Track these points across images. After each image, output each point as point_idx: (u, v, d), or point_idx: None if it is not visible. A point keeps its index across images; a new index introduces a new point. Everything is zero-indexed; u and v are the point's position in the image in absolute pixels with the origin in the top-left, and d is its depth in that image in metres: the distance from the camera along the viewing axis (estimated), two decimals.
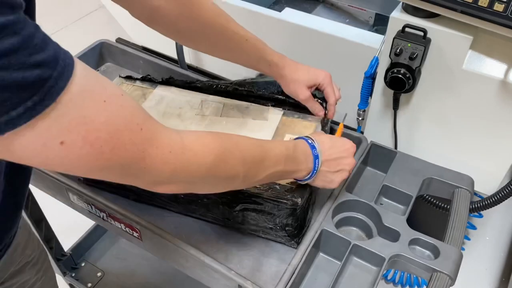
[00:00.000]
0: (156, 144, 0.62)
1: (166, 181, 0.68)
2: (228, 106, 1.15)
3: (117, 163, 0.59)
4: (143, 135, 0.60)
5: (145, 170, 0.63)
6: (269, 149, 0.84)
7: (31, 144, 0.51)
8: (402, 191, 1.07)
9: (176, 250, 1.00)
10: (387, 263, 0.94)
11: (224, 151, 0.74)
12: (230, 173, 0.76)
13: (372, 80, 1.25)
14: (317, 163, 0.91)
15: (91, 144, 0.55)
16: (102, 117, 0.55)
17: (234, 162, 0.76)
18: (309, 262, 1.00)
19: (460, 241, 0.95)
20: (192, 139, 0.69)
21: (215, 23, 1.03)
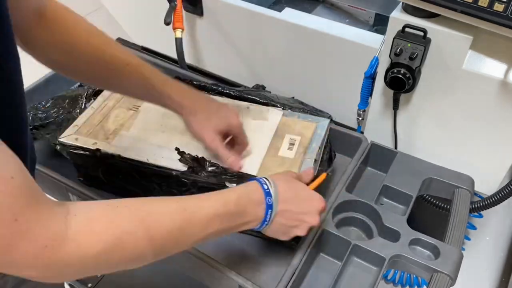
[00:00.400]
0: (30, 237, 0.55)
1: (40, 275, 0.59)
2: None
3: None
4: (15, 228, 0.53)
5: (12, 264, 0.56)
6: (195, 212, 0.73)
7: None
8: (402, 191, 1.07)
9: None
10: (388, 263, 0.94)
11: (121, 234, 0.63)
12: (131, 256, 0.66)
13: (372, 80, 1.25)
14: (269, 213, 0.82)
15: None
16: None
17: (136, 243, 0.65)
18: (309, 262, 1.00)
19: (460, 242, 0.95)
20: (80, 226, 0.59)
21: (88, 44, 0.89)
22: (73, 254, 0.59)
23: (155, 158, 1.03)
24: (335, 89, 1.43)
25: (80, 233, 0.59)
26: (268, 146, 1.06)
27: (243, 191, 0.81)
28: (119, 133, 1.09)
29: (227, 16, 1.50)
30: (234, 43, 1.55)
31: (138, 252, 0.66)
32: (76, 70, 0.93)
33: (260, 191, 0.82)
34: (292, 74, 1.50)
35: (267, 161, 1.03)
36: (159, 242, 0.68)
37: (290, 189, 0.86)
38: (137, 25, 1.91)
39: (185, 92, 0.97)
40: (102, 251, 0.61)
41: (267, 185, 0.83)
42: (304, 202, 0.86)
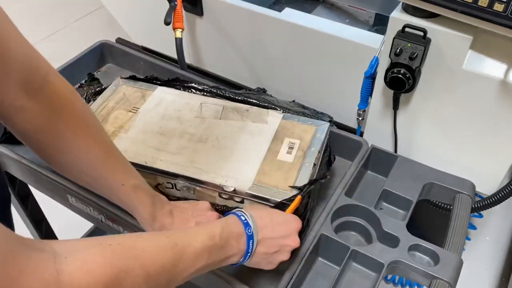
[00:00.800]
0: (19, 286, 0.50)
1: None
2: (228, 109, 1.15)
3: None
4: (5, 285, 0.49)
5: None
6: (185, 246, 0.72)
7: None
8: (403, 196, 1.07)
9: None
10: (386, 269, 0.94)
11: (118, 274, 0.61)
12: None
13: (372, 80, 1.25)
14: (251, 244, 0.82)
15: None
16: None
17: (133, 281, 0.63)
18: (307, 267, 0.99)
19: (460, 248, 0.95)
20: (74, 268, 0.56)
21: (85, 157, 0.87)
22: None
23: (154, 161, 1.03)
24: (335, 89, 1.43)
25: (76, 277, 0.56)
26: (267, 149, 1.05)
27: (224, 224, 0.81)
28: (118, 135, 1.09)
29: (227, 16, 1.50)
30: (234, 43, 1.55)
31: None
32: (60, 168, 0.91)
33: (239, 223, 0.83)
34: (292, 74, 1.50)
35: (265, 165, 1.02)
36: (154, 278, 0.67)
37: (265, 216, 0.87)
38: (137, 25, 1.91)
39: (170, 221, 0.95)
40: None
41: (244, 216, 0.84)
42: (281, 226, 0.87)
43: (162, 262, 0.68)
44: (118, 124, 1.12)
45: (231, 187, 0.97)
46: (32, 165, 1.15)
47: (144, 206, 0.92)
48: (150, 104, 1.17)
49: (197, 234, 0.76)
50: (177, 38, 1.43)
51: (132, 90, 1.22)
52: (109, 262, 0.60)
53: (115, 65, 1.49)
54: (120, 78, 1.26)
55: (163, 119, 1.13)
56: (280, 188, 0.97)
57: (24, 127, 0.82)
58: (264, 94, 1.24)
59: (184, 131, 1.10)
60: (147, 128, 1.11)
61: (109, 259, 0.61)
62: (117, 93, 1.21)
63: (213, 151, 1.05)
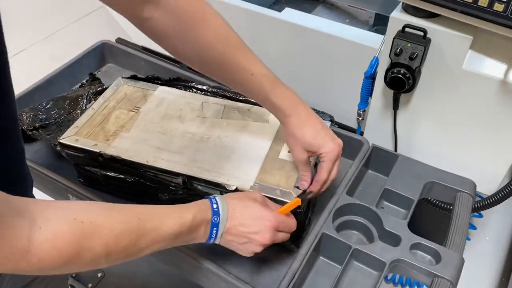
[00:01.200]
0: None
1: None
2: (229, 108, 1.15)
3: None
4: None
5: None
6: (153, 229, 0.76)
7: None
8: (404, 195, 1.07)
9: (175, 253, 1.00)
10: (388, 267, 0.94)
11: (82, 251, 0.66)
12: (87, 266, 0.70)
13: (372, 80, 1.25)
14: (214, 231, 0.85)
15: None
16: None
17: (93, 257, 0.69)
18: (309, 266, 0.99)
19: (461, 246, 0.95)
20: (43, 242, 0.62)
21: (215, 50, 0.91)
22: (34, 265, 0.62)
23: (155, 160, 1.03)
24: (335, 89, 1.43)
25: (43, 249, 0.62)
26: (269, 149, 1.06)
27: (197, 211, 0.83)
28: (119, 135, 1.09)
29: (227, 16, 1.48)
30: None
31: (93, 264, 0.70)
32: (198, 67, 0.95)
33: (209, 210, 0.85)
34: (292, 74, 1.49)
35: (267, 164, 1.02)
36: (114, 255, 0.71)
37: (238, 208, 0.88)
38: None
39: (293, 111, 0.96)
40: (61, 264, 0.64)
41: (216, 204, 0.86)
42: (252, 221, 0.87)
43: (125, 243, 0.72)
44: (119, 124, 1.12)
45: (233, 186, 0.97)
46: (33, 165, 1.14)
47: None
48: (151, 103, 1.17)
49: (168, 218, 0.79)
50: None
51: (133, 89, 1.22)
52: (76, 241, 0.65)
53: (116, 65, 1.50)
54: (121, 78, 1.26)
55: (165, 118, 1.13)
56: (282, 187, 0.97)
57: (153, 32, 0.92)
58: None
59: (186, 130, 1.10)
60: (149, 127, 1.11)
61: (77, 238, 0.65)
62: (118, 93, 1.21)
63: (214, 150, 1.05)
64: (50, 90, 1.34)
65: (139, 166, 1.03)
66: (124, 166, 1.05)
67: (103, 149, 1.05)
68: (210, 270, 0.96)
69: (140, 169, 1.03)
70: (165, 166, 1.02)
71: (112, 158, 1.04)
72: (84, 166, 1.10)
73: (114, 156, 1.04)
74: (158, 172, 1.02)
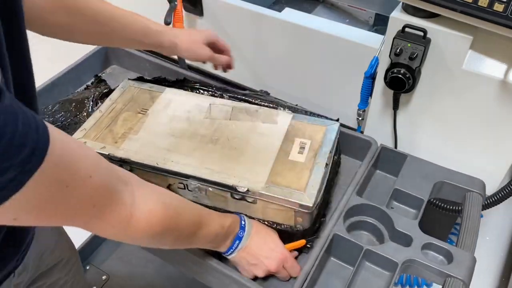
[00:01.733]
0: (103, 219, 0.68)
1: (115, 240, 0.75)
2: (237, 110, 1.16)
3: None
4: (92, 212, 0.66)
5: (84, 226, 0.68)
6: (205, 225, 0.88)
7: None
8: (414, 195, 1.08)
9: (186, 255, 1.01)
10: (400, 268, 0.94)
11: (164, 231, 0.78)
12: (158, 245, 0.83)
13: (372, 80, 1.26)
14: (236, 244, 0.95)
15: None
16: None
17: (167, 240, 0.82)
18: (320, 267, 1.00)
19: (473, 246, 0.96)
20: (141, 214, 0.73)
21: (88, 7, 1.03)
22: (129, 235, 0.74)
23: (165, 163, 1.03)
24: (335, 89, 1.44)
25: (140, 223, 0.73)
26: (278, 150, 1.06)
27: (232, 221, 0.95)
28: (128, 137, 1.09)
29: (227, 16, 1.50)
30: (234, 43, 1.55)
31: (165, 243, 0.83)
32: (79, 31, 1.04)
33: (238, 224, 0.97)
34: (292, 74, 1.50)
35: (277, 165, 1.03)
36: (178, 242, 0.86)
37: (261, 233, 0.99)
38: None
39: (172, 28, 1.16)
40: (149, 239, 0.77)
41: (244, 221, 0.98)
42: (268, 248, 0.97)
43: (190, 232, 0.85)
44: (127, 126, 1.12)
45: (244, 187, 0.98)
46: None
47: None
48: (159, 105, 1.18)
49: (216, 219, 0.91)
50: None
51: (140, 91, 1.22)
52: (165, 221, 0.77)
53: (120, 67, 1.49)
54: (128, 80, 1.26)
55: (173, 120, 1.13)
56: (293, 188, 0.97)
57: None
58: (268, 95, 1.24)
59: (195, 132, 1.10)
60: (157, 129, 1.11)
61: (166, 219, 0.77)
62: (125, 95, 1.21)
63: (224, 152, 1.06)
64: (54, 92, 1.34)
65: (149, 168, 1.03)
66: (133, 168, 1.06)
67: (112, 151, 1.06)
68: (223, 272, 0.96)
69: (150, 171, 1.04)
70: (175, 168, 1.02)
71: (121, 161, 1.05)
72: None
73: (123, 159, 1.05)
74: (168, 174, 1.03)
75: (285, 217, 1.00)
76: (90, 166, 0.63)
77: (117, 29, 1.07)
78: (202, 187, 1.02)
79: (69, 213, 0.62)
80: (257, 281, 0.96)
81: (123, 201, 0.70)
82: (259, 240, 0.97)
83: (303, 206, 0.95)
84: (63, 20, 1.00)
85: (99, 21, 1.04)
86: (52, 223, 0.65)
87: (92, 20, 1.03)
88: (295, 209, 0.97)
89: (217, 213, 0.94)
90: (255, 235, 0.97)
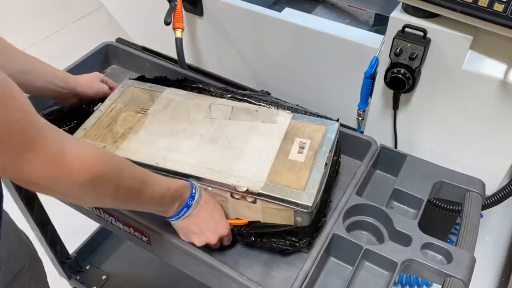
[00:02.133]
0: (33, 150, 0.65)
1: (34, 184, 0.70)
2: (237, 109, 1.16)
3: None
4: (22, 139, 0.63)
5: (18, 170, 0.65)
6: (150, 185, 0.87)
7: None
8: (413, 194, 1.08)
9: (186, 255, 1.01)
10: (400, 268, 0.94)
11: (102, 175, 0.75)
12: (99, 197, 0.79)
13: (372, 80, 1.26)
14: (183, 211, 0.95)
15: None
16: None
17: (107, 189, 0.78)
18: (320, 267, 1.00)
19: (472, 246, 0.96)
20: (74, 152, 0.70)
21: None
22: (65, 176, 0.70)
23: (165, 162, 1.03)
24: (335, 89, 1.44)
25: (75, 158, 0.70)
26: (278, 149, 1.06)
27: (180, 186, 0.94)
28: (128, 136, 1.09)
29: (227, 16, 1.51)
30: (234, 43, 1.56)
31: (103, 195, 0.79)
32: None
33: (188, 192, 0.96)
34: (292, 74, 1.50)
35: (277, 165, 1.03)
36: (120, 195, 0.82)
37: (209, 206, 1.00)
38: (137, 25, 1.90)
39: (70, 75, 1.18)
40: (84, 183, 0.72)
41: (195, 190, 0.97)
42: (213, 222, 0.99)
43: (132, 185, 0.83)
44: (127, 126, 1.12)
45: (243, 187, 0.98)
46: None
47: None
48: (159, 105, 1.18)
49: (161, 180, 0.91)
50: (177, 38, 1.44)
51: (140, 91, 1.22)
52: (101, 163, 0.75)
53: (120, 67, 1.49)
54: (128, 79, 1.26)
55: (173, 120, 1.13)
56: (293, 188, 0.97)
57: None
58: (269, 96, 1.24)
59: (195, 132, 1.10)
60: (157, 129, 1.11)
61: (102, 162, 0.75)
62: (125, 94, 1.21)
63: (224, 152, 1.06)
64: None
65: (149, 167, 1.03)
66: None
67: (111, 151, 1.06)
68: (222, 271, 0.96)
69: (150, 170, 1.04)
70: (175, 168, 1.02)
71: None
72: None
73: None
74: (168, 174, 1.03)
75: (284, 216, 0.99)
76: (14, 88, 0.63)
77: (30, 72, 1.09)
78: (202, 187, 1.02)
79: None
80: (257, 281, 0.96)
81: (53, 136, 0.68)
82: (206, 211, 0.98)
83: (302, 206, 0.95)
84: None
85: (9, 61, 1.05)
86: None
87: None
88: (294, 209, 0.96)
89: (163, 176, 0.94)
90: (204, 205, 0.98)
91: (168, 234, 1.01)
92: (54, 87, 1.14)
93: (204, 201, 0.98)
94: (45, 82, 1.12)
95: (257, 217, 1.03)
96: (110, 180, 0.77)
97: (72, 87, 1.17)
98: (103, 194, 0.78)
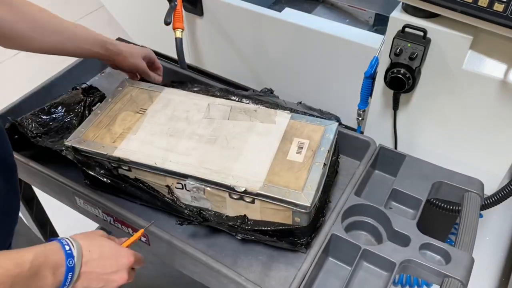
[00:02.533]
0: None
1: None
2: (236, 109, 1.16)
3: None
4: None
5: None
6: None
7: None
8: (412, 195, 1.08)
9: (184, 255, 1.01)
10: (398, 268, 0.94)
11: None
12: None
13: (372, 80, 1.26)
14: (69, 276, 0.77)
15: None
16: None
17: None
18: (318, 267, 1.00)
19: (471, 246, 0.96)
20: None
21: (41, 14, 1.10)
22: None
23: (163, 162, 1.03)
24: (335, 89, 1.44)
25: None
26: (276, 150, 1.06)
27: (40, 252, 0.75)
28: (126, 136, 1.09)
29: (227, 16, 1.51)
30: (234, 43, 1.55)
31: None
32: (39, 42, 1.10)
33: (61, 253, 0.77)
34: (292, 74, 1.50)
35: (275, 165, 1.02)
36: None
37: (94, 248, 0.83)
38: (137, 25, 1.91)
39: (116, 41, 1.23)
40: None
41: (69, 245, 0.79)
42: (110, 261, 0.84)
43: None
44: (126, 126, 1.12)
45: (242, 187, 0.98)
46: (39, 168, 1.15)
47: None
48: (157, 105, 1.18)
49: (3, 258, 0.70)
50: (177, 38, 1.44)
51: (138, 91, 1.22)
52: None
53: None
54: (126, 79, 1.26)
55: (172, 120, 1.13)
56: (291, 188, 0.97)
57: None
58: (271, 95, 1.24)
59: (193, 132, 1.10)
60: (156, 129, 1.11)
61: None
62: (123, 95, 1.21)
63: (222, 152, 1.06)
64: (53, 93, 1.34)
65: (148, 167, 1.03)
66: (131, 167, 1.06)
67: (110, 151, 1.06)
68: (220, 272, 0.96)
69: (148, 170, 1.04)
70: (174, 168, 1.02)
71: (119, 160, 1.05)
72: (90, 168, 1.10)
73: (121, 158, 1.05)
74: (166, 174, 1.03)
75: (283, 217, 0.99)
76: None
77: (71, 38, 1.14)
78: (200, 187, 1.02)
79: None
80: (255, 281, 0.95)
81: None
82: (96, 257, 0.82)
83: (300, 206, 0.95)
84: (24, 32, 1.06)
85: (56, 31, 1.12)
86: None
87: (52, 32, 1.11)
88: (292, 209, 0.96)
89: (14, 250, 0.73)
90: (90, 255, 0.81)
91: (167, 234, 1.01)
92: (93, 54, 1.19)
93: (87, 250, 0.81)
94: (83, 50, 1.17)
95: (255, 217, 1.02)
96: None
97: (109, 55, 1.21)
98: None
